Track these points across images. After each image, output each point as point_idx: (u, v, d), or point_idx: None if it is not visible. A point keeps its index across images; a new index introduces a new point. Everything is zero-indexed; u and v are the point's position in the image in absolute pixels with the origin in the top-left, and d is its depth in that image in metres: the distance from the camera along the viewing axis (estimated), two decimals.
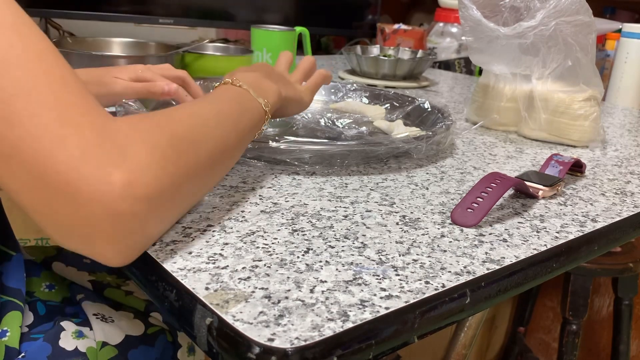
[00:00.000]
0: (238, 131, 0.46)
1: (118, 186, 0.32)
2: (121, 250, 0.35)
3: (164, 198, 0.35)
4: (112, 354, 0.56)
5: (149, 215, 0.34)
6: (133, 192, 0.33)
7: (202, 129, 0.41)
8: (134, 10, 1.36)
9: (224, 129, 0.44)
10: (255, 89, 0.51)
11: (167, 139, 0.36)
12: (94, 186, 0.32)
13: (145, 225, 0.35)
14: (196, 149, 0.39)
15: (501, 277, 0.40)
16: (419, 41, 1.49)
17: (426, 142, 0.62)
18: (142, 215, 0.34)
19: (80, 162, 0.31)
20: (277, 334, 0.30)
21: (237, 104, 0.48)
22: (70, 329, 0.56)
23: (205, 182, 0.43)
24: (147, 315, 0.63)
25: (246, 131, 0.47)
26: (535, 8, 0.71)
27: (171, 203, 0.37)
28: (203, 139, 0.40)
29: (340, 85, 0.91)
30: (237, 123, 0.46)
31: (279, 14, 1.58)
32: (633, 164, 0.72)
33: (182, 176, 0.37)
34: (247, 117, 0.48)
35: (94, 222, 0.32)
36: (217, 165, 0.43)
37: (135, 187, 0.33)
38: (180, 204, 0.40)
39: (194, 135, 0.39)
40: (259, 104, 0.50)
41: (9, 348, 0.52)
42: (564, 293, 1.18)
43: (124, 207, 0.32)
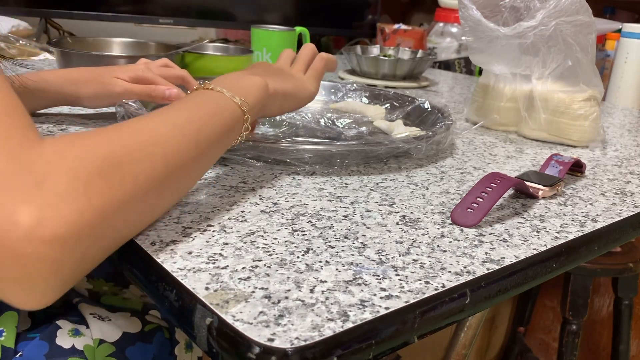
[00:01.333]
0: (201, 141, 0.41)
1: (24, 226, 0.28)
2: (35, 296, 0.30)
3: (84, 236, 0.31)
4: (110, 351, 0.56)
5: (64, 258, 0.30)
6: (41, 233, 0.28)
7: (147, 147, 0.36)
8: (134, 10, 1.36)
9: (180, 142, 0.39)
10: (232, 89, 0.46)
11: (97, 164, 0.32)
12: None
13: (59, 270, 0.30)
14: (136, 173, 0.34)
15: (501, 277, 0.40)
16: (419, 41, 1.49)
17: (426, 142, 0.62)
18: (54, 259, 0.29)
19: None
20: (277, 334, 0.30)
21: (202, 109, 0.43)
22: (66, 327, 0.56)
23: (151, 207, 0.38)
24: (144, 313, 0.63)
25: (214, 139, 0.43)
26: (535, 8, 0.71)
27: (97, 239, 0.32)
28: (147, 160, 0.36)
29: (340, 85, 0.91)
30: (200, 132, 0.41)
31: (279, 14, 1.58)
32: (633, 164, 0.72)
33: (112, 207, 0.32)
34: (217, 122, 0.44)
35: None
36: (167, 186, 0.38)
37: (45, 226, 0.28)
38: (112, 237, 0.35)
39: (135, 156, 0.35)
40: (234, 105, 0.46)
41: (5, 348, 0.52)
42: (564, 293, 1.18)
43: (29, 250, 0.28)
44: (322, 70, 0.64)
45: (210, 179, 0.53)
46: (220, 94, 0.46)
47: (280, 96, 0.55)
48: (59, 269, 0.30)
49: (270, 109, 0.54)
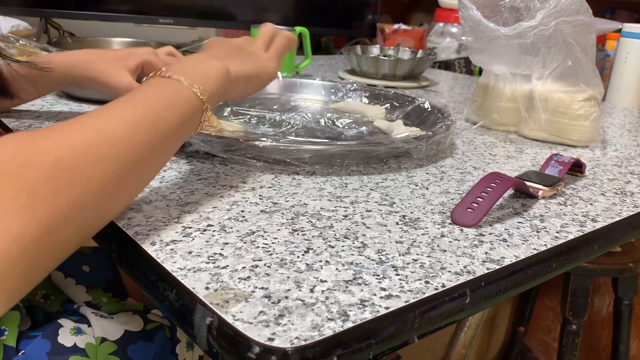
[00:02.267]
0: (156, 136, 0.39)
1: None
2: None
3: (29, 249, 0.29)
4: (112, 349, 0.56)
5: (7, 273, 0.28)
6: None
7: (100, 148, 0.34)
8: (134, 10, 1.36)
9: (135, 139, 0.37)
10: (190, 76, 0.43)
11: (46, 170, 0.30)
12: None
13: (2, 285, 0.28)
14: (87, 177, 0.33)
15: (501, 277, 0.40)
16: (419, 41, 1.49)
17: (426, 142, 0.62)
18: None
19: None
20: (277, 333, 0.30)
21: (158, 101, 0.41)
22: (68, 325, 0.56)
23: (102, 211, 0.36)
24: (146, 312, 0.64)
25: (171, 131, 0.41)
26: (535, 8, 0.71)
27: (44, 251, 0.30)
28: (100, 161, 0.34)
29: (340, 85, 0.91)
30: (156, 124, 0.39)
31: (279, 14, 1.58)
32: (633, 164, 0.72)
33: (60, 216, 0.31)
34: (174, 114, 0.41)
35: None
36: (120, 187, 0.36)
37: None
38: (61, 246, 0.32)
39: (87, 158, 0.33)
40: (192, 94, 0.43)
41: (7, 347, 0.52)
42: (564, 293, 1.18)
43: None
44: (284, 49, 0.61)
45: (210, 179, 0.53)
46: (178, 82, 0.43)
47: (242, 80, 0.52)
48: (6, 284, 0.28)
49: (231, 94, 0.52)
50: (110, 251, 0.42)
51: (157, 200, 0.47)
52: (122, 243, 0.41)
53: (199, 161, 0.58)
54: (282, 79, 0.91)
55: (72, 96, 0.83)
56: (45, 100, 0.80)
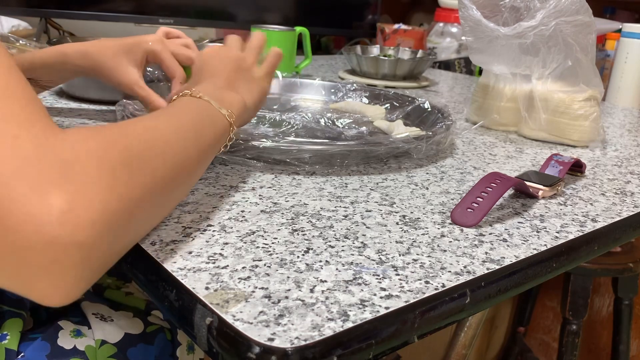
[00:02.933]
0: (200, 146, 0.42)
1: (56, 209, 0.27)
2: (60, 287, 0.29)
3: (114, 222, 0.31)
4: (111, 352, 0.56)
5: (96, 244, 0.30)
6: (75, 217, 0.28)
7: (159, 145, 0.37)
8: (134, 10, 1.36)
9: (184, 145, 0.40)
10: (218, 100, 0.48)
11: (119, 156, 0.32)
12: (27, 207, 0.27)
13: (89, 257, 0.30)
14: (152, 168, 0.35)
15: (501, 277, 0.40)
16: (419, 41, 1.49)
17: (426, 142, 0.62)
18: (86, 244, 0.29)
19: (13, 178, 0.27)
20: (277, 333, 0.30)
21: (198, 116, 0.45)
22: (68, 328, 0.56)
23: (162, 205, 0.38)
24: (147, 314, 0.63)
25: (209, 146, 0.44)
26: (535, 8, 0.71)
27: (123, 229, 0.32)
28: (160, 157, 0.36)
29: (340, 85, 0.91)
30: (199, 137, 0.42)
31: (279, 14, 1.58)
32: (633, 164, 0.72)
33: (134, 199, 0.32)
34: (210, 131, 0.45)
35: (26, 251, 0.28)
36: (175, 186, 0.39)
37: (78, 210, 0.28)
38: (133, 231, 0.34)
39: (151, 152, 0.35)
40: (222, 116, 0.47)
41: (9, 350, 0.52)
42: (564, 293, 1.18)
43: (63, 235, 0.28)
44: (274, 67, 0.64)
45: (210, 178, 0.53)
46: (209, 104, 0.47)
47: (252, 110, 0.57)
48: (89, 257, 0.30)
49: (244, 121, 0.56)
50: None
51: None
52: None
53: None
54: (282, 79, 0.91)
55: (72, 96, 0.83)
56: (45, 100, 0.80)
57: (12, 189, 0.27)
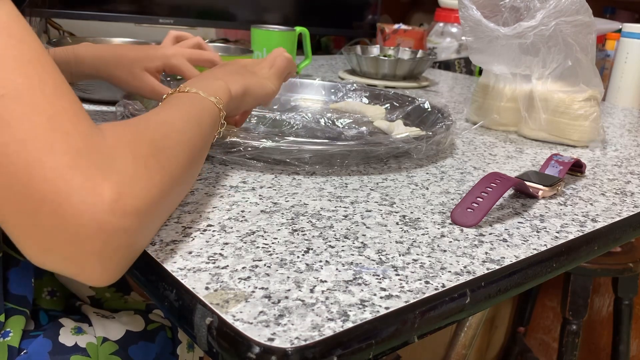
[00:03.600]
0: (201, 133, 0.45)
1: (108, 198, 0.30)
2: (108, 268, 0.33)
3: (152, 209, 0.34)
4: (113, 349, 0.56)
5: (139, 230, 0.33)
6: (123, 205, 0.31)
7: (174, 134, 0.40)
8: (134, 10, 1.36)
9: (192, 133, 0.43)
10: (204, 90, 0.49)
11: (148, 148, 0.35)
12: (82, 197, 0.30)
13: (135, 240, 0.33)
14: (174, 156, 0.38)
15: (501, 277, 0.40)
16: (419, 41, 1.49)
17: (426, 142, 0.62)
18: (132, 229, 0.32)
19: (69, 170, 0.30)
20: (277, 333, 0.30)
21: (193, 107, 0.47)
22: (69, 325, 0.56)
23: (184, 187, 0.42)
24: (147, 312, 0.64)
25: (207, 132, 0.47)
26: (535, 8, 0.71)
27: (159, 213, 0.36)
28: (178, 145, 0.39)
29: (340, 85, 0.91)
30: (200, 125, 0.45)
31: (279, 14, 1.58)
32: (633, 164, 0.72)
33: (167, 184, 0.36)
34: (206, 118, 0.47)
35: (81, 236, 0.30)
36: (190, 169, 0.42)
37: (125, 199, 0.31)
38: (166, 212, 0.39)
39: (170, 142, 0.39)
40: (211, 103, 0.49)
41: (11, 347, 0.52)
42: (564, 293, 1.18)
43: (114, 221, 0.31)
44: (283, 69, 0.65)
45: (210, 178, 0.53)
46: (197, 94, 0.48)
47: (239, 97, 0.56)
48: (134, 241, 0.33)
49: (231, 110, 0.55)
50: None
51: None
52: None
53: None
54: None
55: None
56: None
57: (68, 180, 0.30)
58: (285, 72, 0.65)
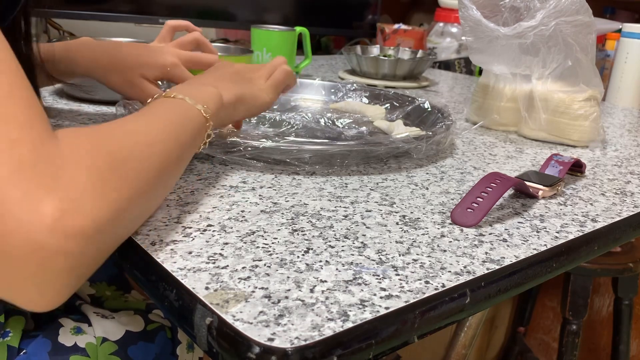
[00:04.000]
0: (180, 144, 0.42)
1: (48, 217, 0.28)
2: (46, 293, 0.30)
3: (102, 230, 0.31)
4: (112, 349, 0.56)
5: (83, 253, 0.30)
6: (65, 226, 0.28)
7: (142, 148, 0.37)
8: (134, 10, 1.36)
9: (165, 146, 0.40)
10: (192, 97, 0.47)
11: (107, 161, 0.32)
12: (19, 214, 0.27)
13: (77, 264, 0.30)
14: (137, 171, 0.35)
15: (501, 277, 0.40)
16: (419, 41, 1.49)
17: (426, 142, 0.62)
18: (74, 253, 0.29)
19: (7, 183, 0.27)
20: (277, 333, 0.30)
21: (175, 115, 0.44)
22: (68, 325, 0.56)
23: (148, 205, 0.39)
24: (147, 312, 0.64)
25: (188, 143, 0.44)
26: (535, 8, 0.71)
27: (111, 234, 0.33)
28: (145, 158, 0.37)
29: (340, 85, 0.91)
30: (178, 136, 0.42)
31: (279, 14, 1.58)
32: (633, 164, 0.72)
33: (124, 202, 0.33)
34: (189, 127, 0.45)
35: (15, 258, 0.27)
36: (160, 184, 0.39)
37: (69, 219, 0.28)
38: (121, 233, 0.35)
39: (134, 156, 0.36)
40: (198, 111, 0.46)
41: (11, 347, 0.52)
42: (564, 293, 1.18)
43: (52, 243, 0.28)
44: (281, 81, 0.63)
45: (210, 179, 0.53)
46: (183, 101, 0.46)
47: (231, 105, 0.54)
48: (77, 264, 0.30)
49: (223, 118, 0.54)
50: None
51: None
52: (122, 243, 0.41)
53: (199, 161, 0.58)
54: None
55: (72, 96, 0.83)
56: (45, 100, 0.80)
57: (5, 194, 0.27)
58: (282, 85, 0.64)
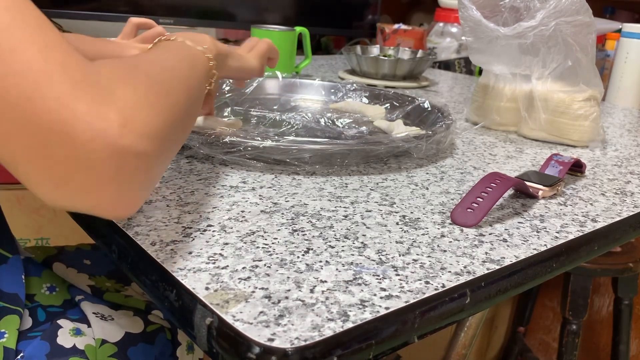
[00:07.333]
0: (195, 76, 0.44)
1: (115, 123, 0.30)
2: (124, 195, 0.32)
3: (161, 135, 0.34)
4: (112, 351, 0.56)
5: (151, 153, 0.32)
6: (131, 129, 0.31)
7: (168, 73, 0.39)
8: (134, 11, 1.36)
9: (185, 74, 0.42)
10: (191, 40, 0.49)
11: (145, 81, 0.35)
12: (91, 123, 0.29)
13: (148, 164, 0.33)
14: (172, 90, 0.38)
15: (501, 277, 0.40)
16: (419, 41, 1.49)
17: (426, 141, 0.62)
18: (145, 152, 0.32)
19: (72, 98, 0.29)
20: (277, 334, 0.30)
21: (182, 53, 0.46)
22: (67, 326, 0.56)
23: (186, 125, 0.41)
24: (147, 313, 0.63)
25: (201, 78, 0.46)
26: (535, 8, 0.71)
27: (167, 143, 0.35)
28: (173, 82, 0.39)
29: (340, 85, 0.91)
30: (192, 69, 0.45)
31: (279, 14, 1.58)
32: (633, 164, 0.72)
33: (168, 116, 0.35)
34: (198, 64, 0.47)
35: (95, 163, 0.30)
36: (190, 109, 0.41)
37: (133, 124, 0.31)
38: (173, 146, 0.38)
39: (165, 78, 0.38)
40: (200, 52, 0.48)
41: (7, 349, 0.52)
42: (564, 293, 1.18)
43: (127, 144, 0.30)
44: (264, 51, 0.66)
45: (210, 179, 0.53)
46: (184, 43, 0.47)
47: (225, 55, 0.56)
48: (148, 164, 0.33)
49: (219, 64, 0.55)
50: (110, 251, 0.42)
51: (157, 200, 0.47)
52: (122, 243, 0.41)
53: (199, 161, 0.58)
54: (282, 79, 0.91)
55: None
56: None
57: (73, 109, 0.29)
58: (266, 55, 0.66)
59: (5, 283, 0.56)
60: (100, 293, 0.65)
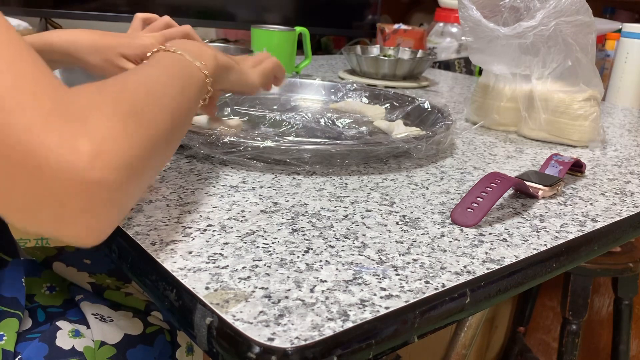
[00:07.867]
0: (185, 97, 0.44)
1: (86, 154, 0.30)
2: (94, 227, 0.32)
3: (136, 166, 0.33)
4: (111, 353, 0.55)
5: (121, 185, 0.32)
6: (103, 160, 0.30)
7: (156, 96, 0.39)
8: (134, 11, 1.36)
9: (174, 95, 0.42)
10: (190, 53, 0.48)
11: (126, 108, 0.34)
12: (60, 155, 0.29)
13: (119, 197, 0.32)
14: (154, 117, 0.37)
15: (501, 277, 0.40)
16: (419, 41, 1.49)
17: (426, 141, 0.62)
18: (115, 184, 0.31)
19: (43, 129, 0.29)
20: (277, 333, 0.30)
21: (178, 69, 0.46)
22: (66, 328, 0.56)
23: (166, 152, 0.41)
24: (146, 314, 0.63)
25: (192, 97, 0.46)
26: (535, 8, 0.71)
27: (140, 173, 0.35)
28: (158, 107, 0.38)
29: (340, 85, 0.91)
30: (184, 88, 0.44)
31: (279, 14, 1.58)
32: (633, 164, 0.72)
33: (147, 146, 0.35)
34: (193, 82, 0.46)
35: (64, 195, 0.30)
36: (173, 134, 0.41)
37: (104, 155, 0.31)
38: (147, 175, 0.38)
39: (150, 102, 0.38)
40: (197, 68, 0.48)
41: (6, 351, 0.52)
42: (564, 293, 1.18)
43: (96, 176, 0.30)
44: (269, 70, 0.65)
45: (210, 179, 0.53)
46: (183, 57, 0.47)
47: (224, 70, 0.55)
48: (118, 196, 0.32)
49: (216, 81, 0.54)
50: (111, 251, 0.42)
51: (157, 200, 0.47)
52: (122, 243, 0.41)
53: (199, 161, 0.58)
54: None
55: None
56: None
57: (43, 140, 0.29)
58: (271, 73, 0.65)
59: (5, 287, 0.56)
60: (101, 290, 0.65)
